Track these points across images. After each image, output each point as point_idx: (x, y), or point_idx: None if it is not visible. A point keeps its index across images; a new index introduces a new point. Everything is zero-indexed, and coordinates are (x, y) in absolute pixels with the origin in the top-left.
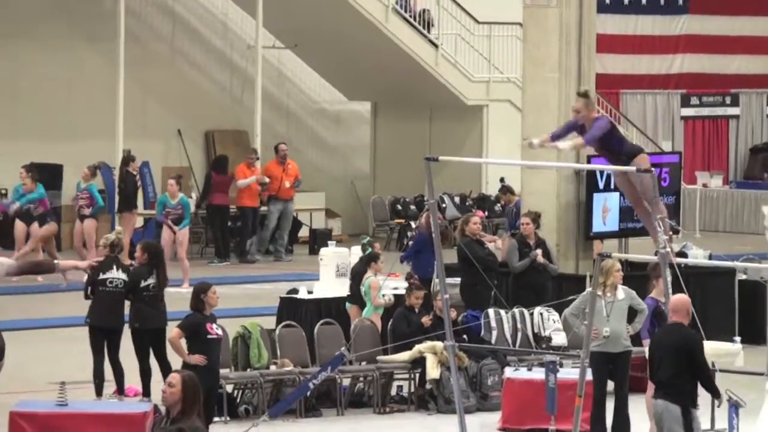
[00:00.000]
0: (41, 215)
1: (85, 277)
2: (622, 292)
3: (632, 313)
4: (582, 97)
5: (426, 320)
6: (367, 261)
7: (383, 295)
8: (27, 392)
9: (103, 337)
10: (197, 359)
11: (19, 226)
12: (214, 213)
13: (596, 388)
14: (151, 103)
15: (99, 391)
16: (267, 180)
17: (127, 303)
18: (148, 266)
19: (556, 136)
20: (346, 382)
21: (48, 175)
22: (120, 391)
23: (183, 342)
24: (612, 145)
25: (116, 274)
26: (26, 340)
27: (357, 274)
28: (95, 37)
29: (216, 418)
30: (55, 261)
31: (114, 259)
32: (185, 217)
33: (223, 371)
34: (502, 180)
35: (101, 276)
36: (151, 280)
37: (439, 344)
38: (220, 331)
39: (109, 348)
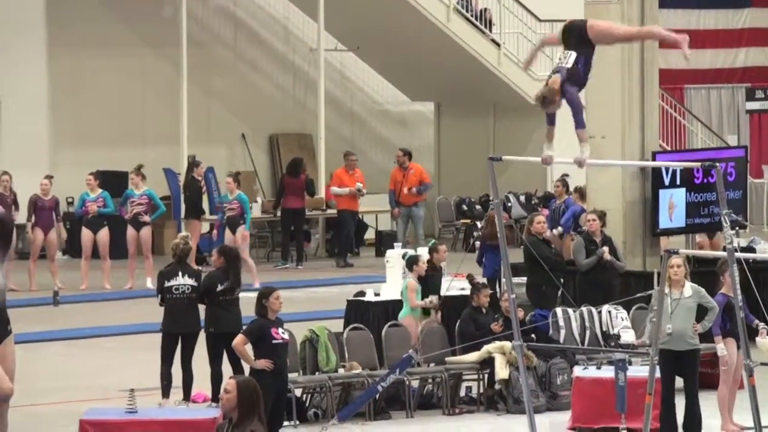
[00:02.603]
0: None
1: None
2: (689, 289)
3: (703, 311)
4: (544, 97)
5: (496, 327)
6: (409, 264)
7: (429, 298)
8: (96, 400)
9: (173, 343)
10: (263, 364)
11: (86, 233)
12: (287, 216)
13: (663, 385)
14: (215, 109)
15: (166, 393)
16: (363, 189)
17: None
18: (224, 270)
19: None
20: (415, 383)
21: (113, 182)
22: (186, 396)
23: (248, 347)
24: (581, 81)
25: (182, 281)
26: (95, 347)
27: (420, 278)
28: (158, 43)
29: (285, 423)
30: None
31: (180, 264)
32: (245, 213)
33: (291, 375)
34: (563, 176)
35: (167, 283)
36: (226, 284)
37: (507, 344)
38: (286, 336)
39: (182, 353)
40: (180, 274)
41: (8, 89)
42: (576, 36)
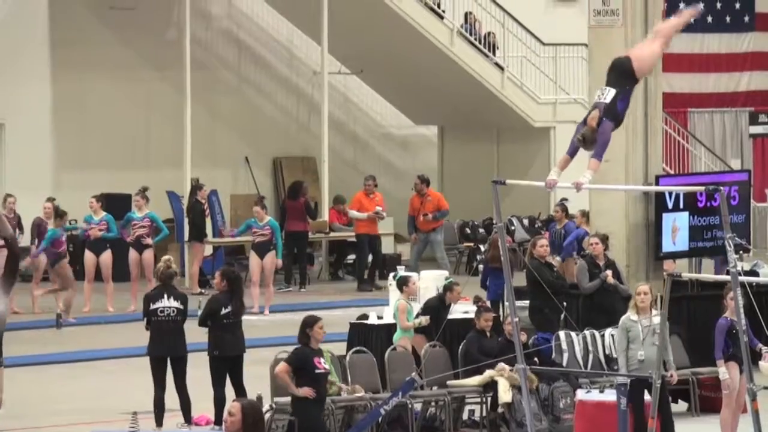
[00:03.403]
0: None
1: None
2: (657, 317)
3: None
4: (584, 138)
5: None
6: (399, 285)
7: (416, 317)
8: (99, 422)
9: (162, 367)
10: (305, 392)
11: (89, 256)
12: (289, 239)
13: (635, 413)
14: (218, 131)
15: (159, 422)
16: (382, 213)
17: (201, 330)
18: (227, 293)
19: (571, 154)
20: (418, 407)
21: (116, 205)
22: (187, 420)
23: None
24: (618, 117)
25: (167, 303)
26: (98, 370)
27: (429, 308)
28: (162, 65)
29: None
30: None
31: (164, 287)
32: (276, 240)
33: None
34: (562, 200)
35: (152, 306)
36: (230, 308)
37: (508, 368)
38: (327, 365)
39: (175, 377)
40: (165, 296)
41: (12, 110)
42: (618, 72)
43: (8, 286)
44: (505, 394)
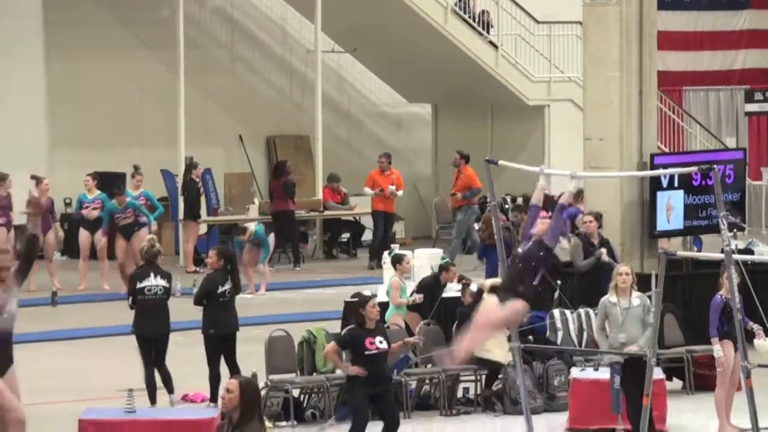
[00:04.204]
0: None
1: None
2: (637, 299)
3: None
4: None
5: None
6: (393, 262)
7: (411, 295)
8: (95, 400)
9: (149, 345)
10: (355, 371)
11: (84, 234)
12: (274, 218)
13: (628, 394)
14: (212, 110)
15: (153, 399)
16: (396, 191)
17: (184, 308)
18: (224, 272)
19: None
20: (413, 384)
21: (110, 183)
22: (170, 390)
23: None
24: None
25: (154, 282)
26: (93, 347)
27: (423, 287)
28: (155, 44)
29: (282, 423)
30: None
31: (150, 266)
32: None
33: (288, 376)
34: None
35: (139, 285)
36: (226, 286)
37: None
38: (383, 345)
39: (156, 354)
40: (152, 275)
41: (6, 90)
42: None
43: (23, 275)
44: (496, 350)
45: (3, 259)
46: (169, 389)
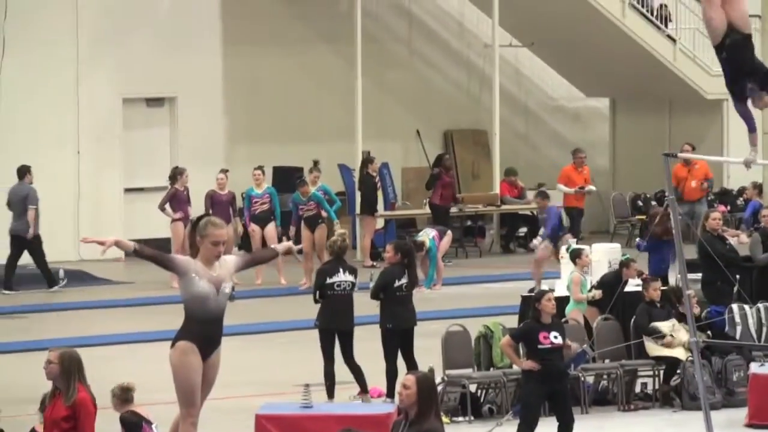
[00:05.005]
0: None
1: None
2: None
3: None
4: None
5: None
6: (572, 257)
7: (590, 290)
8: (272, 394)
9: (332, 340)
10: (528, 365)
11: (254, 229)
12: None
13: None
14: (389, 104)
15: (330, 394)
16: (592, 189)
17: (368, 303)
18: (401, 266)
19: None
20: (590, 379)
21: (288, 178)
22: (364, 389)
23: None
24: None
25: (343, 277)
26: (270, 342)
27: (604, 284)
28: (333, 39)
29: (459, 418)
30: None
31: (339, 261)
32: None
33: (465, 371)
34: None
35: (328, 280)
36: (403, 280)
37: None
38: (558, 340)
39: (342, 349)
40: (341, 270)
41: (184, 85)
42: None
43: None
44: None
45: (221, 234)
46: (363, 387)
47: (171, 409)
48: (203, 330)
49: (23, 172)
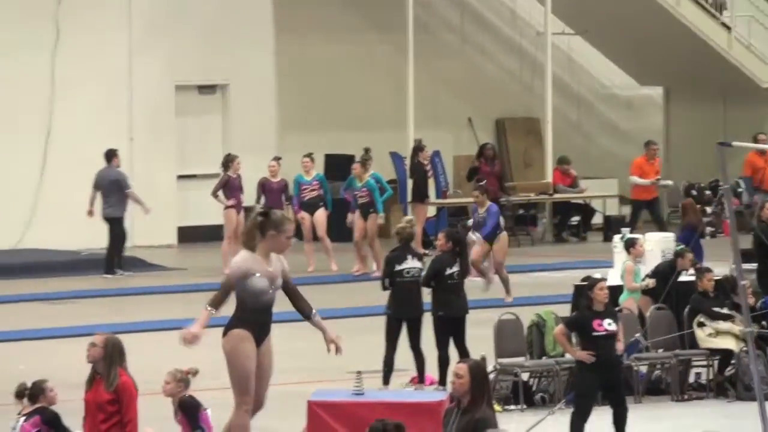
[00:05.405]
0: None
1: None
2: None
3: None
4: None
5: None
6: (627, 246)
7: (643, 280)
8: (324, 381)
9: (399, 327)
10: (582, 356)
11: (304, 217)
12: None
13: None
14: (441, 92)
15: (386, 380)
16: (667, 182)
17: (426, 290)
18: (452, 254)
19: None
20: (643, 369)
21: (340, 166)
22: (420, 379)
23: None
24: None
25: (411, 264)
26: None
27: (658, 274)
28: (385, 27)
29: (511, 407)
30: None
31: (406, 248)
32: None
33: (517, 359)
34: None
35: (397, 267)
36: (455, 268)
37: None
38: (612, 327)
39: (410, 336)
40: (409, 257)
41: (236, 73)
42: None
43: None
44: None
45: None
46: (420, 375)
47: (220, 395)
48: (257, 318)
49: (110, 155)
